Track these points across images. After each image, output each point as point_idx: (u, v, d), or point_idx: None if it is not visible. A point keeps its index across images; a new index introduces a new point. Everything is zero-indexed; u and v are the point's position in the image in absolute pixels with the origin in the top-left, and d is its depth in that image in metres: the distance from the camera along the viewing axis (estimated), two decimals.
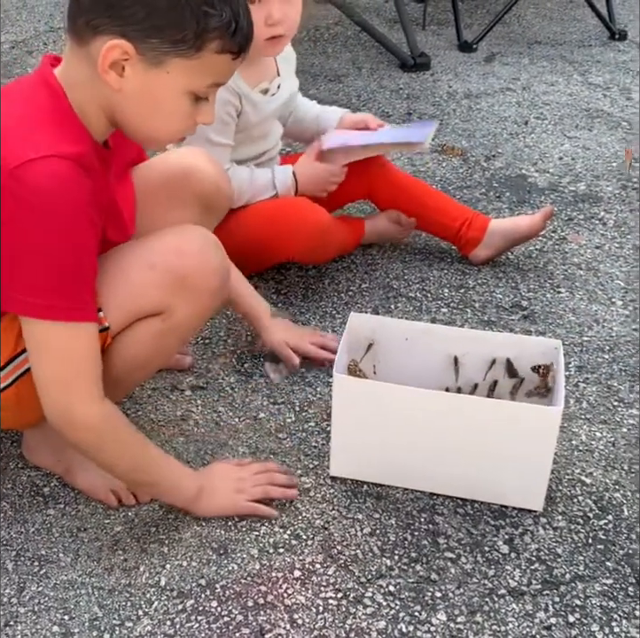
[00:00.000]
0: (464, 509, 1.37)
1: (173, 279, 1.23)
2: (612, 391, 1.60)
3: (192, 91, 1.15)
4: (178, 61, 1.11)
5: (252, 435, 1.49)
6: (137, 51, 1.10)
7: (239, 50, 1.14)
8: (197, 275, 1.24)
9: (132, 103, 1.14)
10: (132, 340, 1.25)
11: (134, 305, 1.23)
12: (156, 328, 1.25)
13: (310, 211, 1.75)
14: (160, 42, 1.09)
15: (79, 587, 1.24)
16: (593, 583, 1.27)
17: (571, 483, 1.42)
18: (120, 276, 1.22)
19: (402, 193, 1.90)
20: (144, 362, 1.30)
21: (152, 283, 1.23)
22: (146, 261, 1.23)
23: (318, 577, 1.26)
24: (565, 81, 2.78)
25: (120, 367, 1.26)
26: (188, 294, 1.24)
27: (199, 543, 1.30)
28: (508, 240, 1.88)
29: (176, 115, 1.17)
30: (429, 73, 2.81)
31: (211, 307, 1.31)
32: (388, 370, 1.48)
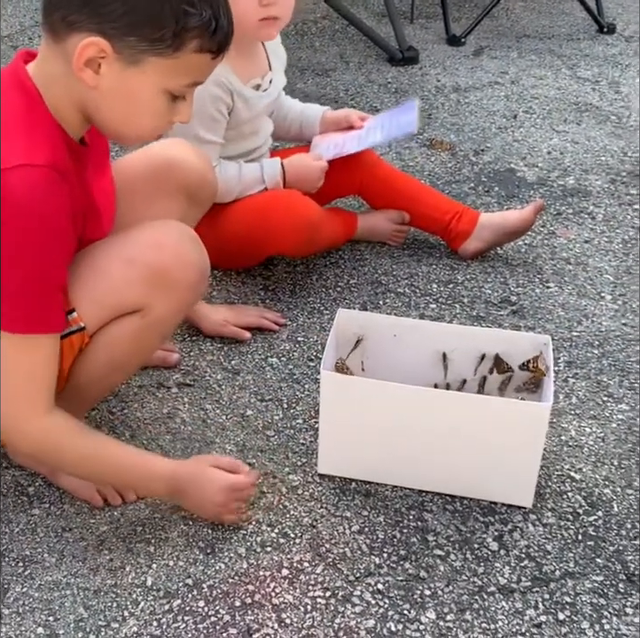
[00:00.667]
0: (453, 506, 1.36)
1: (150, 274, 1.21)
2: (601, 386, 1.59)
3: (169, 90, 1.13)
4: (156, 60, 1.09)
5: (239, 433, 1.48)
6: (114, 49, 1.08)
7: (219, 49, 1.13)
8: (175, 269, 1.22)
9: (107, 100, 1.12)
10: (111, 339, 1.24)
11: (111, 302, 1.22)
12: (135, 325, 1.23)
13: (301, 204, 1.74)
14: (137, 40, 1.07)
15: (64, 588, 1.23)
16: (583, 580, 1.26)
17: (560, 479, 1.41)
18: (95, 273, 1.21)
19: (393, 189, 1.89)
20: (124, 361, 1.28)
21: (128, 280, 1.21)
22: (122, 257, 1.21)
23: (306, 575, 1.25)
24: (553, 74, 2.78)
25: (99, 366, 1.25)
26: (166, 290, 1.22)
27: (186, 542, 1.29)
28: (498, 234, 1.87)
29: (152, 114, 1.15)
30: (417, 67, 2.80)
31: (190, 301, 1.29)
32: (376, 367, 1.47)
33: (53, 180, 1.08)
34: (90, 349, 1.24)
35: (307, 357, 1.65)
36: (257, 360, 1.64)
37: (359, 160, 1.86)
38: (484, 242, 1.88)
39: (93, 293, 1.21)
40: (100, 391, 1.34)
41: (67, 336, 1.20)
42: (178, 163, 1.39)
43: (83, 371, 1.25)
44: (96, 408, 1.50)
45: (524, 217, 1.86)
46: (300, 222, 1.72)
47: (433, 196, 1.92)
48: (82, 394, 1.29)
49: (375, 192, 1.91)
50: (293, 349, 1.67)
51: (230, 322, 1.65)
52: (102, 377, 1.28)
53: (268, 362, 1.63)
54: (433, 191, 1.94)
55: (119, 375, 1.33)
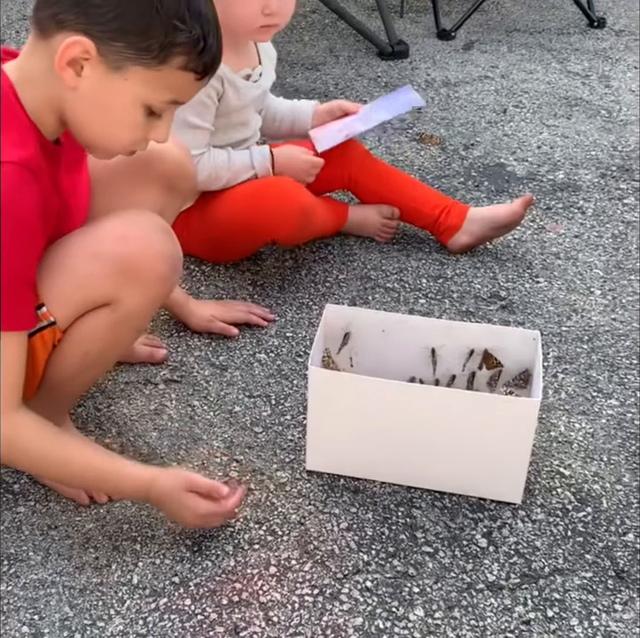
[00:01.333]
0: (442, 503, 1.35)
1: (117, 267, 1.19)
2: (590, 381, 1.59)
3: (148, 104, 1.11)
4: (139, 70, 1.08)
5: (227, 429, 1.47)
6: (99, 52, 1.06)
7: (204, 70, 1.11)
8: (142, 261, 1.20)
9: (84, 104, 1.11)
10: (84, 334, 1.22)
11: (79, 297, 1.20)
12: (107, 319, 1.22)
13: (294, 191, 1.73)
14: (123, 46, 1.06)
15: (49, 587, 1.22)
16: (572, 576, 1.25)
17: (549, 475, 1.40)
18: (63, 267, 1.19)
19: (382, 183, 1.88)
20: (98, 355, 1.26)
21: (96, 273, 1.19)
22: (89, 250, 1.19)
23: (294, 573, 1.24)
24: (543, 69, 2.77)
25: (74, 362, 1.23)
26: (134, 282, 1.20)
27: (173, 540, 1.28)
28: (487, 228, 1.86)
29: (126, 125, 1.13)
30: (407, 62, 2.79)
31: (161, 294, 1.27)
32: (365, 363, 1.46)
33: (24, 178, 1.07)
34: (64, 345, 1.22)
35: (295, 353, 1.64)
36: (245, 356, 1.63)
37: (348, 155, 1.86)
38: (473, 236, 1.87)
39: (61, 287, 1.19)
40: (77, 387, 1.32)
41: (38, 331, 1.19)
42: (156, 153, 1.36)
43: (58, 367, 1.23)
44: (82, 405, 1.49)
45: (513, 211, 1.85)
46: (292, 209, 1.71)
47: (422, 190, 1.91)
48: (60, 391, 1.27)
49: (364, 187, 1.90)
50: (282, 345, 1.66)
51: (217, 317, 1.64)
52: (78, 373, 1.26)
53: (256, 358, 1.62)
54: (422, 186, 1.93)
55: (95, 370, 1.31)
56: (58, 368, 1.25)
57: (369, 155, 1.91)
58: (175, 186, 1.41)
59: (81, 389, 1.37)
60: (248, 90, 1.73)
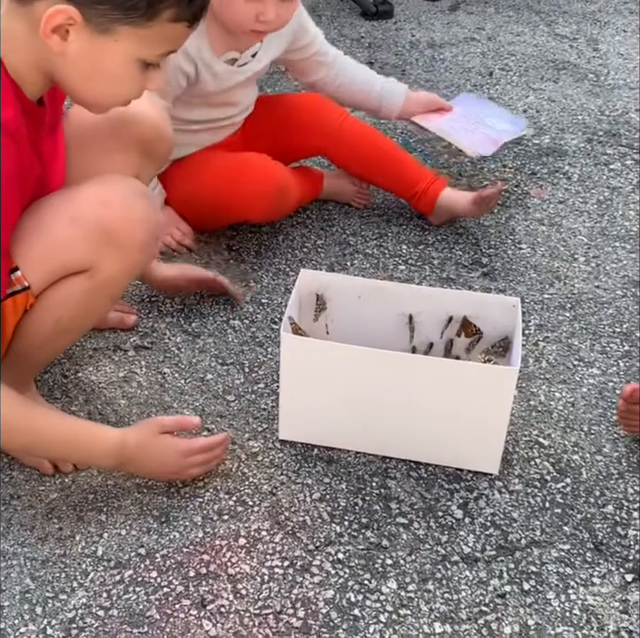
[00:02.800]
0: (418, 473, 1.32)
1: (96, 233, 1.15)
2: (572, 350, 1.55)
3: (142, 59, 1.07)
4: (128, 29, 1.03)
5: (198, 397, 1.43)
6: (84, 17, 1.02)
7: (194, 18, 1.07)
8: (122, 227, 1.16)
9: (75, 68, 1.07)
10: (57, 300, 1.18)
11: (56, 261, 1.15)
12: (82, 286, 1.17)
13: (269, 170, 1.68)
14: (109, 8, 1.02)
15: (10, 558, 1.18)
16: (549, 549, 1.22)
17: (528, 445, 1.37)
18: (40, 230, 1.14)
19: (357, 155, 1.81)
20: (71, 323, 1.22)
21: (73, 238, 1.14)
22: (67, 214, 1.15)
23: (264, 545, 1.21)
24: (531, 31, 2.70)
25: (46, 328, 1.19)
26: (113, 248, 1.16)
27: (140, 511, 1.24)
28: (453, 214, 1.81)
29: (124, 82, 1.10)
30: (391, 22, 2.72)
31: (140, 261, 1.23)
32: (341, 330, 1.42)
33: (2, 141, 1.02)
34: (36, 310, 1.17)
35: (270, 319, 1.59)
36: (218, 322, 1.58)
37: (323, 118, 1.79)
38: (445, 219, 1.83)
39: (37, 252, 1.14)
40: (47, 353, 1.28)
41: (11, 296, 1.14)
42: (133, 115, 1.32)
43: (29, 333, 1.19)
44: (48, 371, 1.44)
45: (470, 209, 1.77)
46: (268, 190, 1.66)
47: (396, 166, 1.82)
48: (28, 357, 1.23)
49: (338, 155, 1.83)
50: (257, 311, 1.61)
51: (185, 271, 1.58)
52: (48, 340, 1.22)
53: (230, 325, 1.58)
54: (398, 159, 1.84)
55: (66, 337, 1.27)
56: (28, 333, 1.20)
57: (346, 120, 1.82)
58: (153, 150, 1.36)
59: (49, 356, 1.32)
60: (230, 75, 1.66)
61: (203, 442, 1.25)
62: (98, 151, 1.30)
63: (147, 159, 1.36)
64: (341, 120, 1.81)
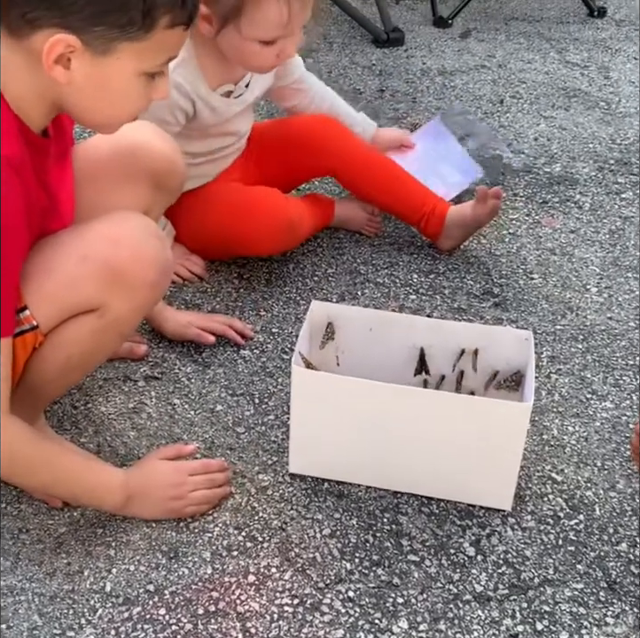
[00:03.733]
0: (430, 509, 1.30)
1: (106, 272, 1.14)
2: (585, 382, 1.54)
3: (146, 71, 1.07)
4: (128, 45, 1.03)
5: (208, 429, 1.42)
6: (83, 42, 1.01)
7: (190, 19, 1.07)
8: (131, 267, 1.15)
9: (82, 93, 1.07)
10: (67, 339, 1.17)
11: (65, 301, 1.15)
12: (92, 325, 1.17)
13: (281, 206, 1.67)
14: (106, 29, 1.01)
15: (18, 594, 1.17)
16: (563, 588, 1.21)
17: (541, 480, 1.35)
18: (49, 269, 1.14)
19: (366, 177, 1.81)
20: (81, 361, 1.22)
21: (83, 277, 1.14)
22: (77, 253, 1.14)
23: (274, 582, 1.19)
24: (542, 58, 2.71)
25: (55, 366, 1.19)
26: (123, 288, 1.15)
27: (148, 546, 1.23)
28: (467, 227, 1.79)
29: (132, 98, 1.10)
30: (402, 49, 2.72)
31: (150, 300, 1.22)
32: (352, 362, 1.41)
33: (7, 177, 1.02)
34: (46, 348, 1.17)
35: (280, 349, 1.58)
36: (229, 352, 1.57)
37: (331, 146, 1.78)
38: (455, 239, 1.81)
39: (46, 291, 1.14)
40: (56, 390, 1.28)
41: (20, 334, 1.14)
42: (144, 147, 1.32)
43: (38, 371, 1.18)
44: (58, 402, 1.43)
45: (477, 210, 1.75)
46: (280, 226, 1.66)
47: (404, 188, 1.81)
48: (37, 393, 1.22)
49: (348, 179, 1.83)
50: (267, 341, 1.60)
51: (194, 324, 1.56)
52: (58, 377, 1.22)
53: (240, 355, 1.57)
54: (404, 181, 1.82)
55: (76, 374, 1.27)
56: (38, 371, 1.20)
57: (355, 148, 1.82)
58: (164, 183, 1.36)
59: (60, 391, 1.32)
60: (227, 107, 1.65)
61: (201, 461, 1.31)
62: (109, 185, 1.30)
63: (159, 193, 1.36)
64: (350, 141, 1.81)
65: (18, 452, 1.14)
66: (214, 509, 1.28)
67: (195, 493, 1.26)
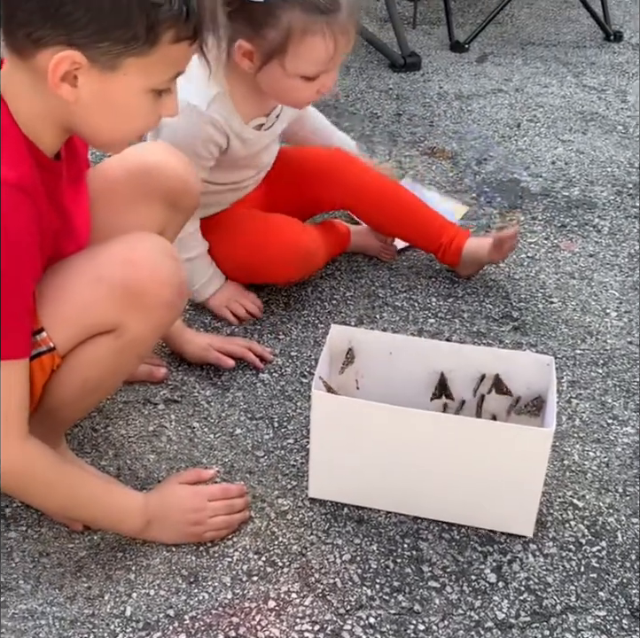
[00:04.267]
0: (450, 535, 1.30)
1: (122, 293, 1.14)
2: (606, 407, 1.53)
3: (153, 88, 1.08)
4: (133, 61, 1.03)
5: (227, 453, 1.42)
6: (88, 59, 1.01)
7: (195, 33, 1.06)
8: (148, 288, 1.15)
9: (90, 111, 1.07)
10: (84, 360, 1.18)
11: (81, 322, 1.15)
12: (109, 346, 1.17)
13: (299, 236, 1.68)
14: (110, 44, 1.01)
15: (39, 618, 1.17)
16: (585, 615, 1.20)
17: (562, 506, 1.35)
18: (65, 291, 1.14)
19: (380, 209, 1.80)
20: (99, 382, 1.22)
21: (99, 299, 1.14)
22: (93, 275, 1.15)
23: (294, 608, 1.19)
24: (558, 82, 2.72)
25: (73, 388, 1.19)
26: (140, 309, 1.15)
27: (168, 570, 1.23)
28: (480, 262, 1.81)
29: (140, 116, 1.10)
30: (419, 74, 2.74)
31: (167, 320, 1.22)
32: (371, 386, 1.41)
33: (18, 200, 1.02)
34: (63, 370, 1.17)
35: (299, 373, 1.59)
36: (248, 375, 1.57)
37: (345, 180, 1.78)
38: (472, 269, 1.82)
39: (62, 313, 1.14)
40: (76, 412, 1.28)
41: (37, 356, 1.14)
42: (158, 167, 1.33)
43: (56, 393, 1.18)
44: (78, 425, 1.44)
45: (491, 252, 1.76)
46: (297, 258, 1.67)
47: (420, 219, 1.80)
48: (57, 416, 1.22)
49: (363, 212, 1.83)
50: (286, 364, 1.61)
51: (214, 347, 1.56)
52: (76, 399, 1.22)
53: (259, 378, 1.57)
54: (420, 212, 1.81)
55: (94, 396, 1.27)
56: (56, 393, 1.20)
57: (366, 177, 1.81)
58: (179, 202, 1.37)
59: (79, 414, 1.33)
60: (258, 140, 1.65)
61: (220, 486, 1.31)
62: (124, 205, 1.31)
63: (173, 212, 1.37)
64: (363, 174, 1.81)
65: (38, 474, 1.14)
66: (233, 534, 1.27)
67: (214, 518, 1.26)
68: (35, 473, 1.13)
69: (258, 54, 1.49)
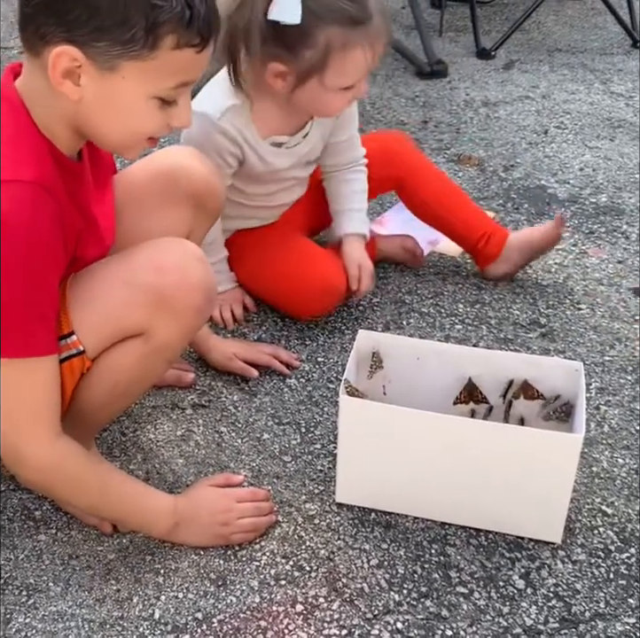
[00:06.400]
0: (478, 540, 1.29)
1: (152, 298, 1.15)
2: (635, 414, 1.52)
3: (156, 96, 1.06)
4: (132, 64, 1.02)
5: (255, 457, 1.42)
6: (87, 57, 1.01)
7: (202, 40, 1.04)
8: (177, 293, 1.16)
9: (95, 112, 1.07)
10: (113, 364, 1.19)
11: (111, 326, 1.17)
12: (138, 350, 1.18)
13: (332, 275, 1.66)
14: (108, 44, 1.01)
15: (68, 620, 1.18)
16: (614, 622, 1.19)
17: (591, 513, 1.34)
18: (95, 295, 1.16)
19: (429, 190, 1.79)
20: (128, 386, 1.23)
21: (129, 303, 1.15)
22: (123, 279, 1.16)
23: (322, 612, 1.19)
24: (586, 89, 2.71)
25: (103, 392, 1.20)
26: (169, 313, 1.16)
27: (197, 573, 1.23)
28: (525, 254, 1.80)
29: (143, 120, 1.08)
30: (446, 81, 2.74)
31: (196, 325, 1.23)
32: (399, 391, 1.41)
33: (39, 197, 1.04)
34: (93, 374, 1.19)
35: (326, 379, 1.59)
36: (275, 381, 1.58)
37: (403, 158, 1.79)
38: (512, 264, 1.81)
39: (92, 316, 1.16)
40: (105, 416, 1.29)
41: (67, 359, 1.16)
42: (182, 171, 1.33)
43: (86, 396, 1.20)
44: (107, 429, 1.45)
45: (547, 232, 1.78)
46: (326, 297, 1.67)
47: (465, 210, 1.82)
48: (87, 420, 1.24)
49: (414, 192, 1.81)
50: (313, 370, 1.61)
51: (239, 356, 1.56)
52: (106, 403, 1.23)
53: (286, 384, 1.58)
54: (466, 204, 1.83)
55: (123, 400, 1.28)
56: (86, 397, 1.21)
57: (419, 158, 1.83)
58: (204, 205, 1.38)
59: (109, 418, 1.34)
60: (275, 158, 1.62)
61: (248, 489, 1.33)
62: (150, 209, 1.32)
63: (199, 214, 1.37)
64: (419, 156, 1.84)
65: (69, 471, 1.15)
66: (261, 538, 1.28)
67: (242, 520, 1.26)
68: (67, 470, 1.15)
69: (293, 74, 1.48)
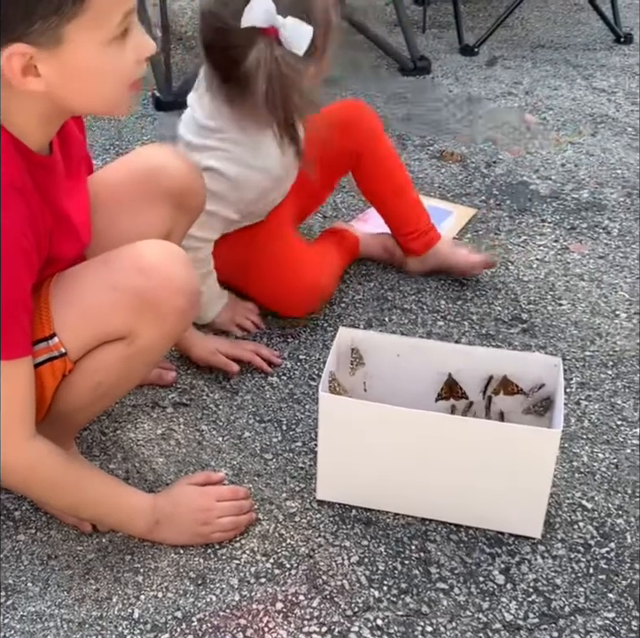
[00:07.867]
0: (458, 536, 1.29)
1: (135, 301, 1.14)
2: (615, 409, 1.52)
3: (110, 38, 1.03)
4: (74, 25, 0.99)
5: (236, 455, 1.42)
6: (32, 44, 0.99)
7: None
8: (160, 296, 1.15)
9: (68, 88, 1.04)
10: (96, 366, 1.18)
11: (94, 329, 1.16)
12: (121, 352, 1.17)
13: (317, 279, 1.68)
14: (42, 22, 0.98)
15: (47, 620, 1.17)
16: (594, 617, 1.19)
17: (571, 508, 1.34)
18: (77, 298, 1.15)
19: (382, 168, 1.78)
20: (109, 388, 1.22)
21: (112, 306, 1.15)
22: (105, 282, 1.15)
23: (302, 609, 1.19)
24: (568, 85, 2.71)
25: (84, 394, 1.19)
26: (152, 316, 1.16)
27: (176, 573, 1.23)
28: (442, 267, 1.81)
29: (114, 69, 1.05)
30: (429, 77, 2.74)
31: (179, 327, 1.23)
32: (379, 388, 1.41)
33: (9, 198, 1.03)
34: (74, 376, 1.18)
35: (308, 376, 1.59)
36: (256, 378, 1.58)
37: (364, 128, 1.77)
38: (426, 267, 1.82)
39: (75, 319, 1.15)
40: (86, 417, 1.29)
41: (49, 361, 1.15)
42: (161, 169, 1.33)
43: (67, 398, 1.19)
44: (87, 428, 1.44)
45: (471, 266, 1.80)
46: (311, 299, 1.68)
47: (405, 201, 1.80)
48: (67, 420, 1.23)
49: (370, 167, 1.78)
50: (294, 368, 1.61)
51: (221, 351, 1.56)
52: (87, 404, 1.23)
53: (267, 381, 1.57)
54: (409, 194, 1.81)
55: (104, 402, 1.28)
56: (68, 398, 1.21)
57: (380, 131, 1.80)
58: (184, 203, 1.37)
59: (89, 418, 1.34)
60: (285, 174, 1.64)
61: (228, 487, 1.33)
62: (129, 208, 1.31)
63: (180, 213, 1.37)
64: (379, 128, 1.81)
65: (45, 471, 1.15)
66: (241, 536, 1.28)
67: (222, 519, 1.26)
68: (43, 471, 1.14)
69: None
